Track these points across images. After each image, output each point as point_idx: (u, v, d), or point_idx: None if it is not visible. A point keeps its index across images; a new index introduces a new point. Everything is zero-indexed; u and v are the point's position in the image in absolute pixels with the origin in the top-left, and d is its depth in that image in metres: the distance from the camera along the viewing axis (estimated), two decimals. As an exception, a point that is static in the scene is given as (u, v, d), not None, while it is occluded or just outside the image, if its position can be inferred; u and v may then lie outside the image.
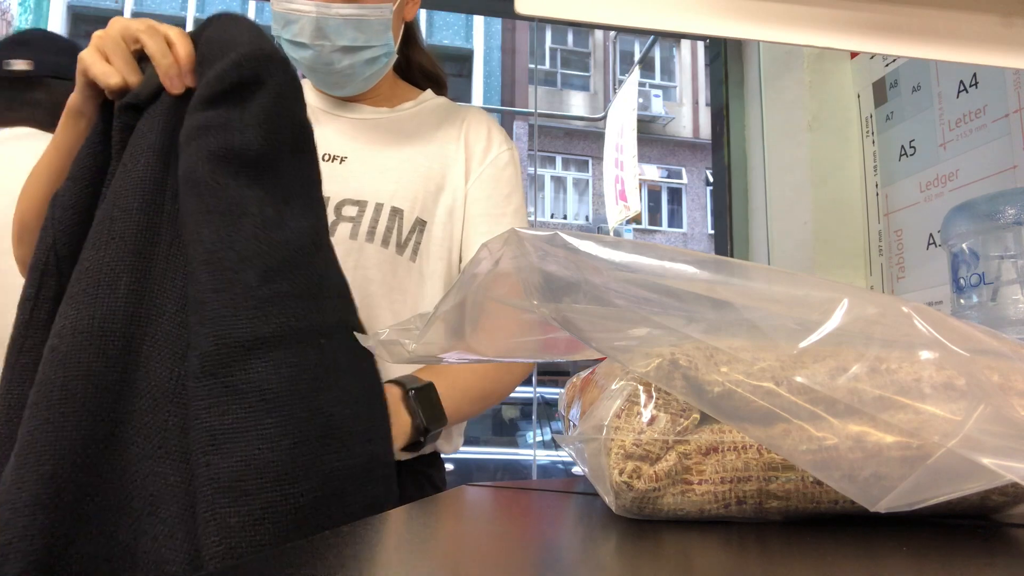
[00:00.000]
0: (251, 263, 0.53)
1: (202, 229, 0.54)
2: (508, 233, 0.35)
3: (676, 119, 12.89)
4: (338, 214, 0.81)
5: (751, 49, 1.78)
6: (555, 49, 13.04)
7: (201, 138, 0.56)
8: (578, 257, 0.33)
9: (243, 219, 0.54)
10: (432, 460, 0.85)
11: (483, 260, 0.37)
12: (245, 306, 0.52)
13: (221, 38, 0.60)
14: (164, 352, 0.53)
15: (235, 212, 0.55)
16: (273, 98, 0.58)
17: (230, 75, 0.57)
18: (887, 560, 0.28)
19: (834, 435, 0.29)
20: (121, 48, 0.61)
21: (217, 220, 0.54)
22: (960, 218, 0.87)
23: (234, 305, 0.52)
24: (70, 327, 0.51)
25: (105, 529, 0.49)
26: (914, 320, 0.30)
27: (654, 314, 0.32)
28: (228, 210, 0.54)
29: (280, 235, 0.56)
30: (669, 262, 0.33)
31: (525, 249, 0.34)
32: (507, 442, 5.79)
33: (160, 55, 0.59)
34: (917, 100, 1.30)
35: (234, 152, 0.56)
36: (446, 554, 0.30)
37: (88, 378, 0.50)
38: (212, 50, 0.59)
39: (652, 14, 0.64)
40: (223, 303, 0.52)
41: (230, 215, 0.54)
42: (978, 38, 0.68)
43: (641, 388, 0.34)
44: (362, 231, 0.81)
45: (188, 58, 0.60)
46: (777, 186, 1.62)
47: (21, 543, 0.45)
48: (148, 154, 0.57)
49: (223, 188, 0.55)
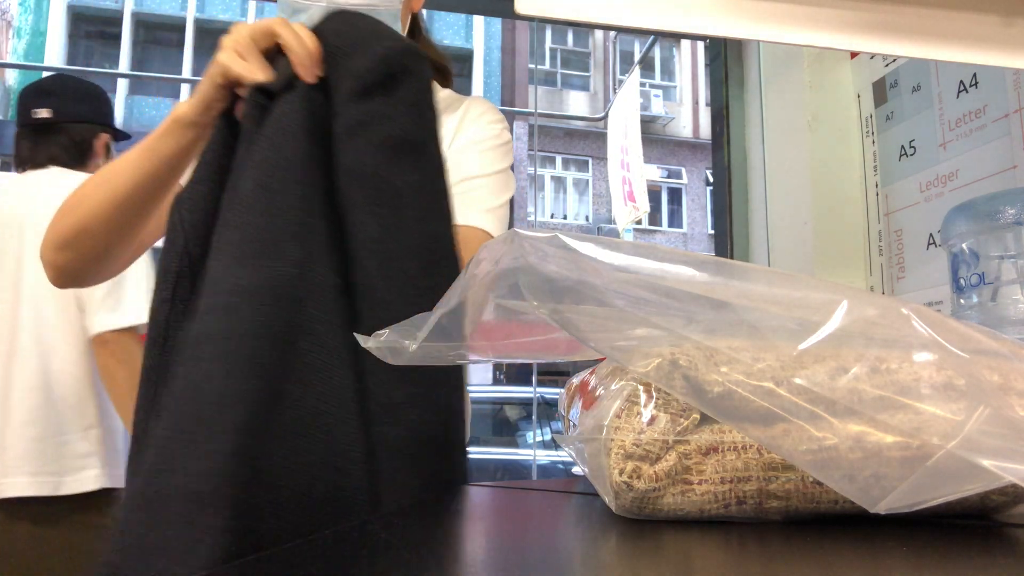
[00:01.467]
0: (414, 254, 0.58)
1: (368, 220, 0.57)
2: (509, 234, 0.35)
3: (676, 119, 12.89)
4: None
5: (751, 49, 1.78)
6: (555, 49, 13.03)
7: (364, 130, 0.59)
8: (577, 258, 0.33)
9: (405, 210, 0.58)
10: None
11: (483, 261, 0.37)
12: (410, 295, 0.56)
13: (349, 32, 0.63)
14: (333, 321, 0.55)
15: (398, 204, 0.58)
16: (422, 87, 0.62)
17: (381, 68, 0.60)
18: (887, 560, 0.28)
19: (834, 435, 0.29)
20: (254, 47, 0.63)
21: (384, 213, 0.58)
22: (960, 218, 0.87)
23: (401, 292, 0.56)
24: (245, 285, 0.52)
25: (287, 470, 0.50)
26: (913, 321, 0.30)
27: (653, 315, 0.32)
28: (392, 203, 0.58)
29: (435, 227, 0.60)
30: (668, 264, 0.33)
31: (525, 250, 0.34)
32: (507, 442, 5.78)
33: (296, 45, 0.61)
34: (917, 100, 1.30)
35: (397, 141, 0.59)
36: (446, 554, 0.30)
37: (265, 334, 0.51)
38: (342, 42, 0.62)
39: (652, 14, 0.65)
40: (390, 290, 0.56)
41: (394, 207, 0.58)
42: (978, 38, 0.68)
43: (641, 388, 0.34)
44: None
45: (318, 49, 0.62)
46: (777, 186, 1.62)
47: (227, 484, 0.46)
48: (299, 133, 0.58)
49: (387, 180, 0.58)
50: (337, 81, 0.61)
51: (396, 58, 0.61)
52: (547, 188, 12.74)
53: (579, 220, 12.77)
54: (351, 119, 0.59)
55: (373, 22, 0.64)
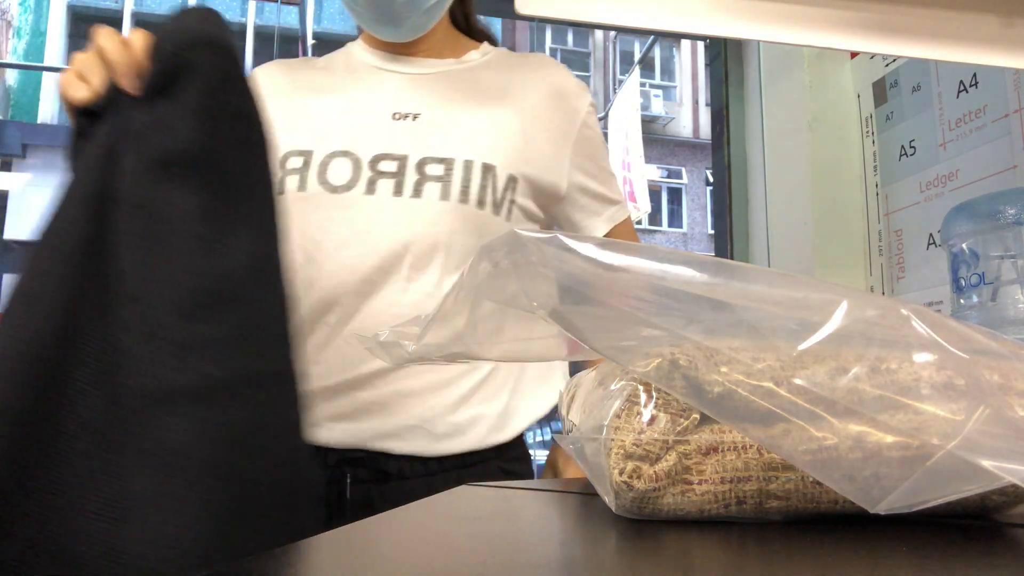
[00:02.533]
0: (172, 298, 0.46)
1: (124, 254, 0.46)
2: (508, 235, 0.35)
3: (676, 119, 12.89)
4: (421, 173, 0.76)
5: (751, 49, 1.78)
6: (555, 49, 13.03)
7: (136, 146, 0.49)
8: (577, 259, 0.33)
9: (172, 243, 0.47)
10: (519, 453, 0.81)
11: (483, 261, 0.37)
12: (161, 352, 0.44)
13: (172, 29, 0.53)
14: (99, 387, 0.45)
15: (161, 236, 0.47)
16: (207, 87, 0.50)
17: (164, 66, 0.50)
18: (887, 560, 0.28)
19: (834, 435, 0.29)
20: (94, 63, 0.55)
21: (142, 248, 0.46)
22: (960, 218, 0.87)
23: (150, 350, 0.44)
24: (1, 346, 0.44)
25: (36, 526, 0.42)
26: (913, 322, 0.30)
27: (653, 315, 0.32)
28: (154, 235, 0.47)
29: (214, 262, 0.48)
30: (668, 264, 0.33)
31: (526, 251, 0.34)
32: (507, 442, 5.78)
33: (112, 52, 0.53)
34: (917, 100, 1.30)
35: (171, 157, 0.49)
36: (446, 554, 0.30)
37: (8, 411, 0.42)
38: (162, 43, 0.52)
39: (652, 14, 0.65)
40: (138, 347, 0.44)
41: (156, 240, 0.47)
42: (978, 38, 0.68)
43: (641, 388, 0.34)
44: (454, 191, 0.75)
45: (143, 52, 0.53)
46: (777, 186, 1.62)
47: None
48: (93, 165, 0.49)
49: (151, 207, 0.47)
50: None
51: (181, 54, 0.50)
52: (547, 188, 12.72)
53: (579, 220, 12.75)
54: (128, 131, 0.49)
55: (202, 15, 0.53)
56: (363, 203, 0.75)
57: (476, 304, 0.38)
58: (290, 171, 0.78)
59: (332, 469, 0.74)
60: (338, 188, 0.76)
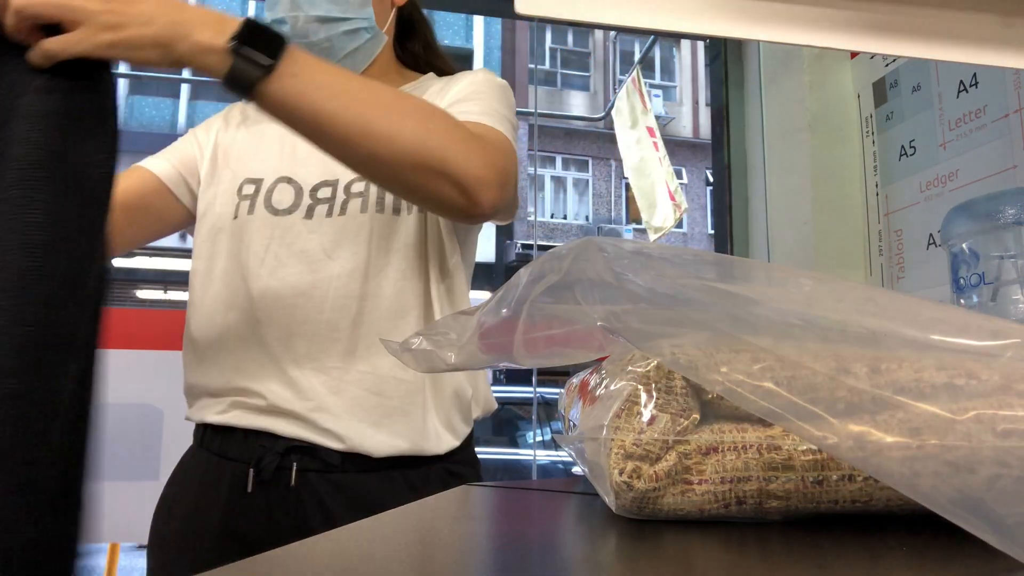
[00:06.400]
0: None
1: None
2: (579, 242, 0.35)
3: (676, 119, 12.89)
4: (347, 193, 0.82)
5: (751, 49, 1.78)
6: (555, 49, 13.03)
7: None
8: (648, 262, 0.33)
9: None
10: (467, 457, 0.84)
11: (530, 270, 0.37)
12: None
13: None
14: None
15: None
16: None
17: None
18: (887, 560, 0.28)
19: (834, 435, 0.29)
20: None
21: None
22: (960, 218, 0.87)
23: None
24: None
25: None
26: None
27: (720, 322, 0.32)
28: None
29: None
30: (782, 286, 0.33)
31: (589, 256, 0.34)
32: (507, 442, 5.78)
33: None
34: (917, 100, 1.30)
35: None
36: (446, 554, 0.30)
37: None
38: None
39: (652, 14, 0.64)
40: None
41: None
42: (978, 38, 0.68)
43: (641, 388, 0.34)
44: (371, 203, 0.81)
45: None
46: (777, 186, 1.62)
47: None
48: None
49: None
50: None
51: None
52: (547, 188, 12.74)
53: (579, 220, 12.76)
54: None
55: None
56: (300, 225, 0.82)
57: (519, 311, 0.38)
58: (244, 197, 0.85)
59: (281, 456, 0.77)
60: (279, 212, 0.83)
